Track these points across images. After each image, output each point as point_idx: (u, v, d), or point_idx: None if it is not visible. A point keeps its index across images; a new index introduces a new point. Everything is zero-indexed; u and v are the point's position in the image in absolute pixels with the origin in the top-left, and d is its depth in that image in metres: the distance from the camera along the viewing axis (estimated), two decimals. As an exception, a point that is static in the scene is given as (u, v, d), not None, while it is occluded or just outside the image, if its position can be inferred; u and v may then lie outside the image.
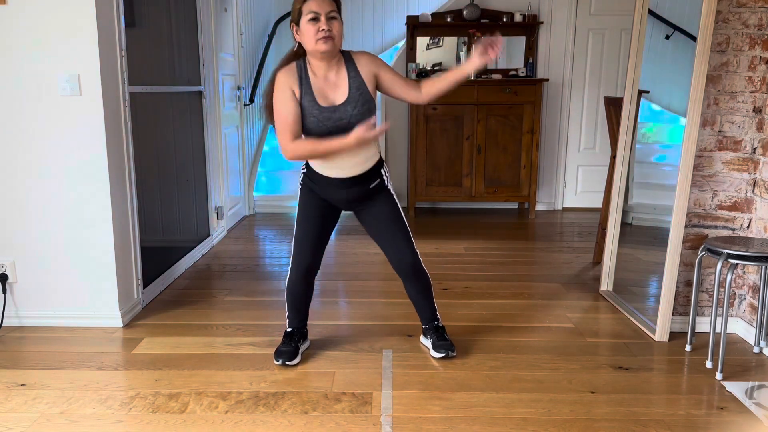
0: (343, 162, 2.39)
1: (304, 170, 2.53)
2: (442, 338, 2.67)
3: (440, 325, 2.73)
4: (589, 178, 5.83)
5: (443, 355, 2.63)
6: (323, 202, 2.52)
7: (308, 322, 2.75)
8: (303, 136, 2.38)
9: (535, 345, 2.80)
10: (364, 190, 2.47)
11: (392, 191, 2.56)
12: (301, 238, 2.52)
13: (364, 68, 2.38)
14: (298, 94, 2.33)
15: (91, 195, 2.88)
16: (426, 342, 2.74)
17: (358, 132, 2.24)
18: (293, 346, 2.61)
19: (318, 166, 2.45)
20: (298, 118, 2.33)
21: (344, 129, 2.31)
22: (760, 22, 2.71)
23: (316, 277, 2.62)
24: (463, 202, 5.67)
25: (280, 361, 2.56)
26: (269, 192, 5.83)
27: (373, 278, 3.76)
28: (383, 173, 2.52)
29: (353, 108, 2.33)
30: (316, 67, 2.36)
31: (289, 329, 2.68)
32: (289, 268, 2.58)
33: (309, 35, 2.27)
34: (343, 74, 2.37)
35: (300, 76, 2.34)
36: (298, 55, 2.42)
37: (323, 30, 2.25)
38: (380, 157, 2.52)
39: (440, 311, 2.84)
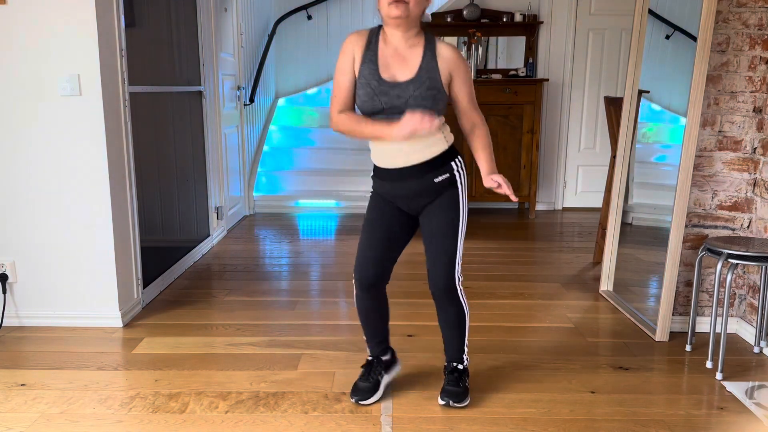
0: (396, 148, 2.07)
1: (373, 174, 2.24)
2: (453, 383, 2.24)
3: (460, 367, 2.28)
4: (589, 178, 5.83)
5: (443, 403, 2.24)
6: (394, 210, 2.20)
7: (309, 322, 2.72)
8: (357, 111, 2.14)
9: (535, 345, 2.80)
10: (425, 184, 2.11)
11: (462, 195, 2.17)
12: (361, 246, 2.22)
13: (444, 60, 2.08)
14: (359, 59, 2.09)
15: (91, 195, 2.87)
16: None
17: (409, 120, 1.96)
18: (372, 380, 2.27)
19: (374, 157, 2.17)
20: (352, 91, 2.11)
21: (397, 112, 2.02)
22: (760, 22, 2.71)
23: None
24: (463, 202, 5.65)
25: (354, 399, 2.27)
26: (269, 192, 5.82)
27: (373, 278, 3.75)
28: (455, 167, 2.15)
29: (415, 89, 2.03)
30: (389, 35, 2.09)
31: (369, 357, 2.34)
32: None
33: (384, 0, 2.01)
34: (418, 52, 2.07)
35: (369, 40, 2.10)
36: None
37: None
38: (451, 146, 2.15)
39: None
